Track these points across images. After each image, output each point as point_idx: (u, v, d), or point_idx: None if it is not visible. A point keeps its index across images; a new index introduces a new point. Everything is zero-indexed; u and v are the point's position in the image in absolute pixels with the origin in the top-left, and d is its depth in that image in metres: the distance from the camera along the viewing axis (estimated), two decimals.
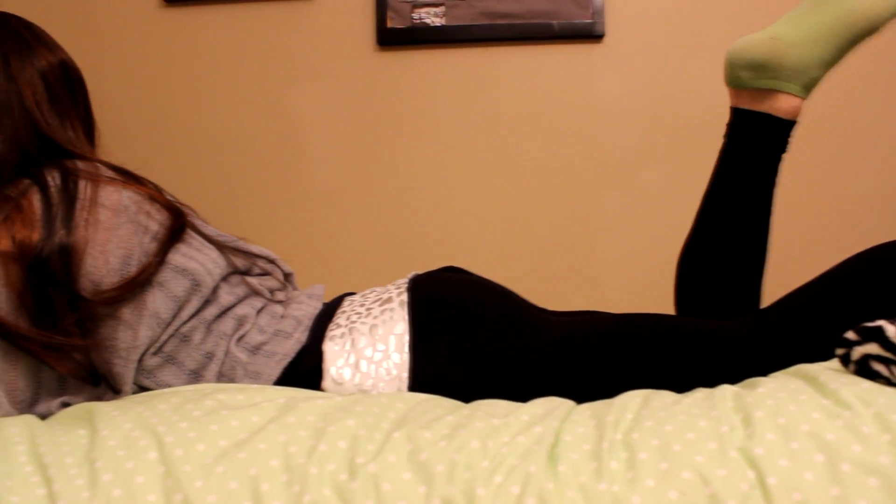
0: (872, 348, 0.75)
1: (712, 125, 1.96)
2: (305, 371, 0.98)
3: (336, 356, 0.97)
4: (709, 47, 1.96)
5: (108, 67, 2.09)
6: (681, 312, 1.24)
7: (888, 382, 0.73)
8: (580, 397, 0.95)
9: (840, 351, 0.79)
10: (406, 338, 0.97)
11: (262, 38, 2.05)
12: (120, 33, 2.09)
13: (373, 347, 0.97)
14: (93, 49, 2.10)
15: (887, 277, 0.94)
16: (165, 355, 0.98)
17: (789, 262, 1.92)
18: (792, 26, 1.13)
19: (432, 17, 1.98)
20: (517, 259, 2.01)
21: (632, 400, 0.79)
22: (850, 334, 0.78)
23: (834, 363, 0.82)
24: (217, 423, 0.76)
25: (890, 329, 0.75)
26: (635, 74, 1.98)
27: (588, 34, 1.96)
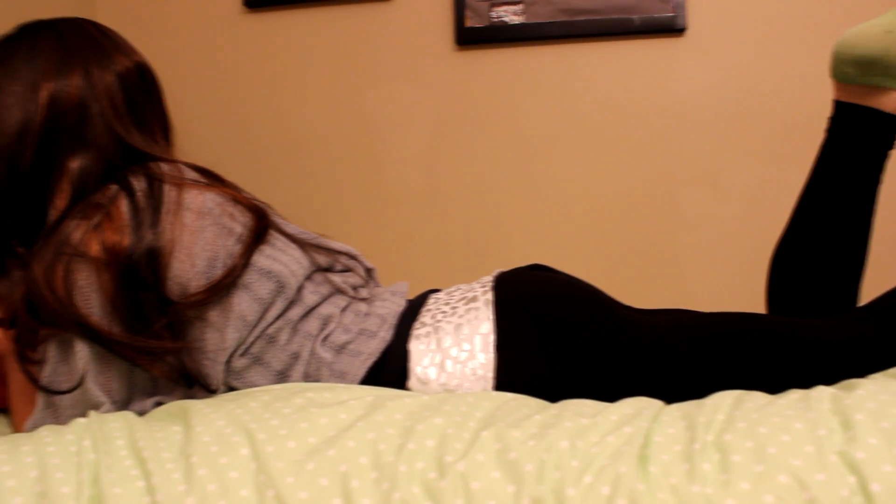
0: None
1: (798, 120, 1.90)
2: (391, 370, 0.98)
3: (422, 355, 0.97)
4: (795, 38, 1.90)
5: (191, 71, 2.16)
6: (772, 311, 1.20)
7: None
8: (669, 398, 0.93)
9: None
10: (491, 337, 0.97)
11: (341, 40, 2.08)
12: (202, 38, 2.15)
13: (458, 347, 0.96)
14: (176, 53, 2.16)
15: None
16: (252, 356, 0.99)
17: (888, 260, 1.84)
18: None
19: (511, 16, 1.97)
20: (600, 257, 1.99)
21: (723, 401, 0.77)
22: None
23: None
24: (307, 421, 0.77)
25: None
26: (719, 68, 1.94)
27: (669, 28, 1.93)
